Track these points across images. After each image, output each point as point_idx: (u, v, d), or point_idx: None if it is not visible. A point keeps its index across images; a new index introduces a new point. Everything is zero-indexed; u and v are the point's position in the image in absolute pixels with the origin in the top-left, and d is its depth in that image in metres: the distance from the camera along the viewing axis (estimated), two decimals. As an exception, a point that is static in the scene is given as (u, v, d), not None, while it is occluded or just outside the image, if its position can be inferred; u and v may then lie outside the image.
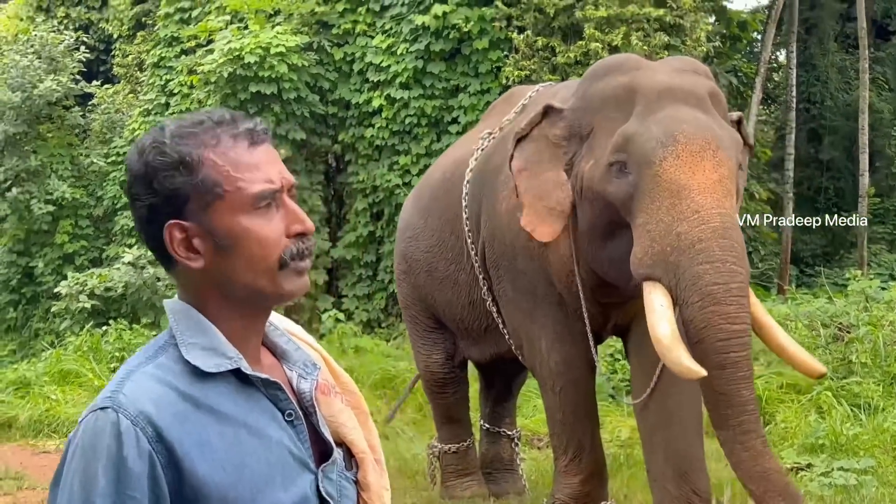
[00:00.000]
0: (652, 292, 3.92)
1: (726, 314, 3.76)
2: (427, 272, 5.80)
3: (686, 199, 3.88)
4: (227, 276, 1.62)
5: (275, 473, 1.58)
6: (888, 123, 20.20)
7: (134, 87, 17.60)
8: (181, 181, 1.58)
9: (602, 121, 4.26)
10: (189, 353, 1.59)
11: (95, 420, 1.52)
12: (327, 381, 1.78)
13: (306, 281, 1.66)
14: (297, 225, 1.62)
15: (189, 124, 1.62)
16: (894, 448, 6.77)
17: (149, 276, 13.85)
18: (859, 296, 9.71)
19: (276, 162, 1.64)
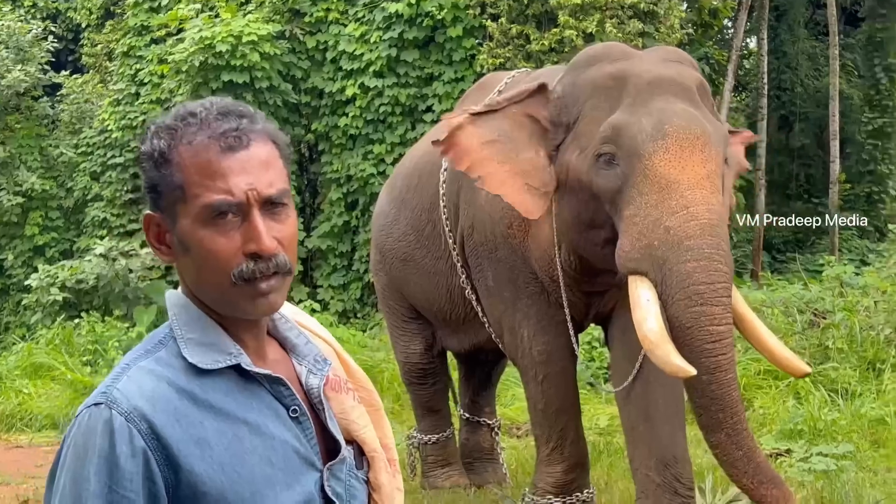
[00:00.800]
0: (639, 287, 3.89)
1: (712, 315, 3.73)
2: (403, 262, 5.75)
3: (675, 193, 3.85)
4: (191, 279, 1.59)
5: (276, 472, 1.54)
6: (858, 110, 20.31)
7: (103, 77, 17.45)
8: (154, 175, 1.56)
9: (589, 110, 4.21)
10: (187, 348, 1.55)
11: (89, 417, 1.48)
12: (339, 376, 1.73)
13: (269, 302, 1.56)
14: (251, 244, 1.52)
15: (178, 116, 1.58)
16: (872, 433, 6.82)
17: (121, 268, 13.74)
18: (834, 282, 9.77)
19: (251, 171, 1.54)
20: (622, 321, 4.79)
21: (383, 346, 10.27)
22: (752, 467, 3.79)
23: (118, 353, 11.46)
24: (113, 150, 15.69)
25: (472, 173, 4.43)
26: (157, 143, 1.56)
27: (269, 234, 1.54)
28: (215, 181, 1.52)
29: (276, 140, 1.62)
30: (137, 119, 15.44)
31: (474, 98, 5.74)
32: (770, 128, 19.29)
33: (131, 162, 15.47)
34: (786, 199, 20.99)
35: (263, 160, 1.57)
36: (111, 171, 15.65)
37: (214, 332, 1.58)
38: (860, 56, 21.20)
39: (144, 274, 14.20)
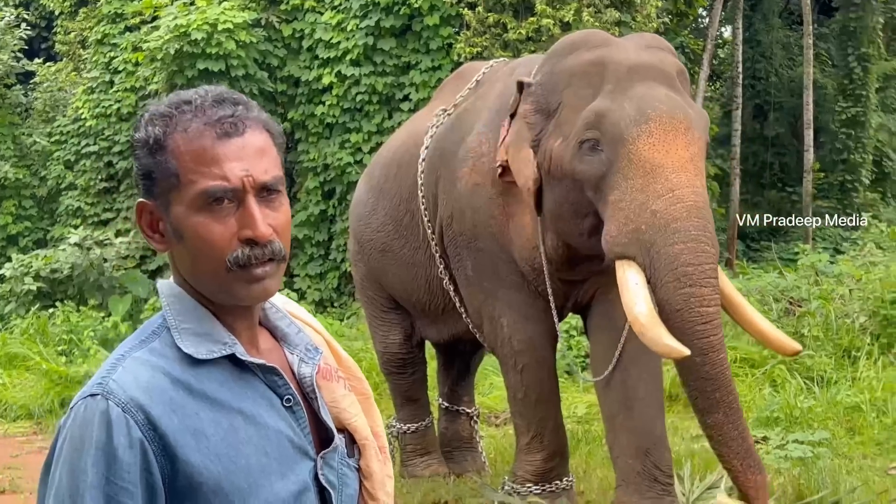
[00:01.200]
0: (627, 271, 3.92)
1: (702, 296, 3.77)
2: (381, 252, 5.74)
3: (660, 177, 3.88)
4: (185, 266, 1.59)
5: (271, 462, 1.55)
6: (832, 99, 20.42)
7: (77, 65, 17.29)
8: (148, 162, 1.56)
9: (570, 97, 4.23)
10: (181, 338, 1.55)
11: (85, 408, 1.47)
12: (329, 365, 1.74)
13: (264, 287, 1.56)
14: (247, 230, 1.53)
15: (173, 103, 1.58)
16: (847, 420, 6.87)
17: (95, 257, 13.66)
18: (809, 270, 9.84)
19: (247, 157, 1.54)
20: (601, 310, 4.82)
21: (361, 336, 10.27)
22: (744, 449, 3.85)
23: (93, 342, 11.41)
24: (87, 139, 15.56)
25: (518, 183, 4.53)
26: (152, 129, 1.55)
27: (264, 220, 1.54)
28: (211, 167, 1.52)
29: (270, 129, 1.62)
30: (111, 107, 15.32)
31: (452, 87, 5.74)
32: (745, 117, 19.37)
33: (105, 150, 15.36)
34: (760, 187, 21.11)
35: (258, 147, 1.57)
36: (85, 160, 15.53)
37: (208, 322, 1.58)
38: (834, 45, 21.31)
39: (119, 263, 14.12)
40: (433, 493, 5.76)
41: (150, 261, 14.86)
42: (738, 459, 3.84)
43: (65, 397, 9.30)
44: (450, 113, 5.32)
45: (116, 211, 15.42)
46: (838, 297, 8.58)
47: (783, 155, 21.26)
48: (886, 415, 6.78)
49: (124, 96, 15.27)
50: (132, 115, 15.22)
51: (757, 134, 21.13)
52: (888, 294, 7.89)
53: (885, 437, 6.51)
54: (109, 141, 15.36)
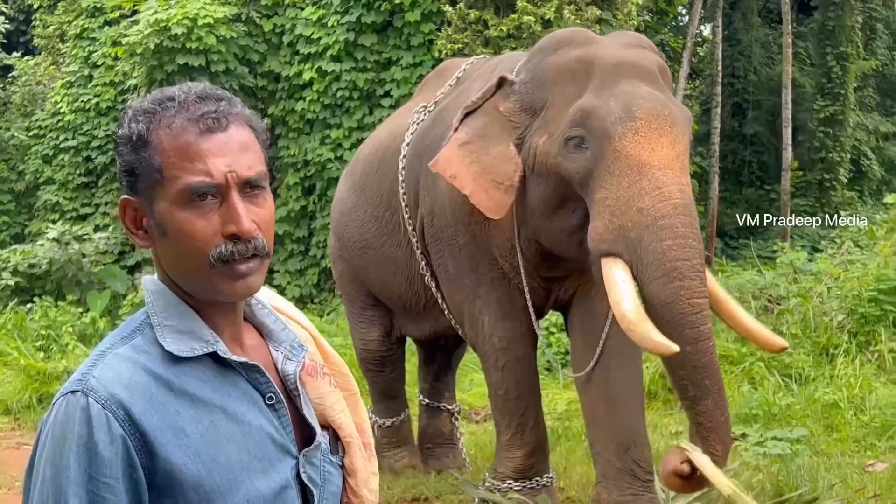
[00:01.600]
0: (613, 268, 3.92)
1: (691, 289, 3.78)
2: (362, 249, 5.73)
3: (647, 174, 3.88)
4: (169, 263, 1.59)
5: (252, 459, 1.55)
6: (810, 98, 20.55)
7: (56, 59, 17.22)
8: (132, 158, 1.56)
9: (556, 95, 4.24)
10: (164, 335, 1.55)
11: (66, 404, 1.47)
12: (315, 361, 1.74)
13: (248, 284, 1.56)
14: (230, 225, 1.53)
15: (156, 100, 1.57)
16: (825, 417, 6.91)
17: (74, 252, 13.60)
18: (787, 268, 9.88)
19: (230, 153, 1.54)
20: (582, 307, 4.83)
21: (340, 332, 10.26)
22: (726, 434, 3.89)
23: (72, 338, 11.37)
24: (66, 133, 15.49)
25: (446, 175, 4.46)
26: (135, 126, 1.55)
27: (248, 216, 1.54)
28: (194, 163, 1.52)
29: (253, 125, 1.62)
30: (90, 102, 15.26)
31: (433, 84, 5.74)
32: (724, 115, 19.48)
33: (84, 145, 15.30)
34: (739, 185, 21.23)
35: (242, 143, 1.57)
36: (64, 154, 15.46)
37: (191, 319, 1.58)
38: (813, 44, 21.45)
39: (98, 258, 14.07)
40: (414, 489, 5.77)
41: (128, 256, 14.81)
42: (721, 444, 3.86)
43: (43, 393, 9.26)
44: (431, 109, 5.31)
45: (95, 206, 15.36)
46: (816, 295, 8.63)
47: (762, 153, 21.39)
48: (864, 412, 6.82)
49: (103, 91, 15.20)
50: (111, 110, 15.17)
51: (736, 132, 21.24)
52: (866, 292, 7.93)
53: (862, 435, 6.56)
54: (88, 135, 15.30)
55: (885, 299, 7.81)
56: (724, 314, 4.08)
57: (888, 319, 7.79)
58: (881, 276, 7.97)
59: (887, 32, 21.91)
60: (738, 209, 20.56)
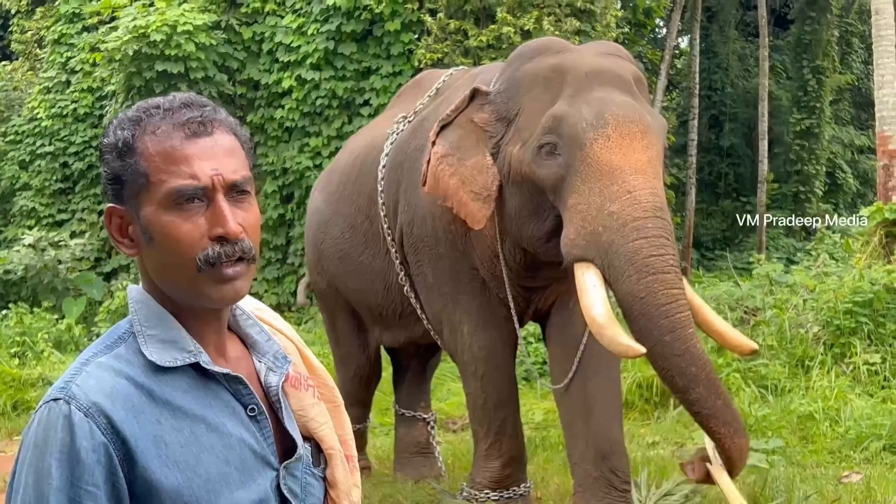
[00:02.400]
0: (585, 273, 3.95)
1: (665, 280, 3.80)
2: (339, 259, 5.72)
3: (618, 179, 3.91)
4: (155, 270, 1.58)
5: (232, 470, 1.55)
6: (786, 111, 20.71)
7: (33, 65, 17.14)
8: (117, 165, 1.56)
9: (529, 102, 4.27)
10: (146, 345, 1.55)
11: (48, 412, 1.47)
12: (299, 373, 1.73)
13: (235, 288, 1.55)
14: (217, 227, 1.53)
15: (142, 108, 1.58)
16: (801, 429, 6.94)
17: (50, 259, 13.54)
18: (764, 279, 9.93)
19: (216, 157, 1.55)
20: (560, 318, 4.85)
21: (318, 340, 10.24)
22: (730, 414, 3.87)
23: (47, 344, 11.30)
24: (42, 139, 15.41)
25: (434, 193, 4.49)
26: (121, 133, 1.56)
27: (235, 218, 1.54)
28: (180, 166, 1.53)
29: (237, 133, 1.63)
30: (68, 107, 15.19)
31: (410, 94, 5.76)
32: (701, 127, 19.60)
33: (61, 151, 15.23)
34: (715, 197, 21.35)
35: (228, 147, 1.58)
36: (40, 160, 15.38)
37: (175, 329, 1.57)
38: (789, 58, 21.62)
39: (74, 265, 14.01)
40: (391, 497, 5.76)
41: (104, 263, 14.74)
42: (726, 427, 3.85)
43: (18, 400, 9.20)
44: (410, 120, 5.33)
45: (71, 212, 15.29)
46: (792, 306, 8.67)
47: (738, 165, 21.53)
48: (839, 424, 6.86)
49: (81, 97, 15.14)
50: (88, 116, 15.11)
51: (713, 144, 21.37)
52: (841, 304, 7.98)
53: (837, 446, 6.59)
54: (65, 141, 15.23)
55: (861, 311, 7.87)
56: (696, 318, 4.09)
57: (863, 331, 7.84)
58: (856, 288, 8.02)
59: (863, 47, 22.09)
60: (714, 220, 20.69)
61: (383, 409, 7.94)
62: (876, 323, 7.88)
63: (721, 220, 20.82)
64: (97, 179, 15.11)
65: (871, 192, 20.71)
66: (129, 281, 13.77)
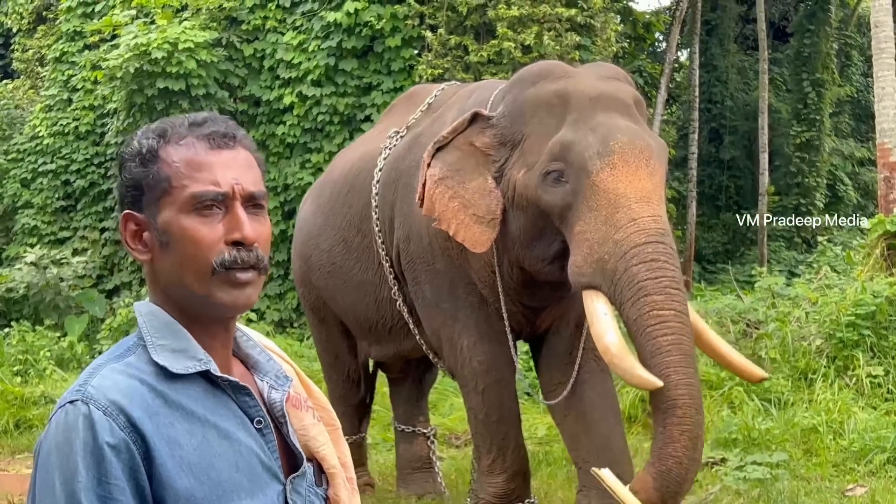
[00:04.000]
0: (594, 301, 4.00)
1: (654, 303, 3.82)
2: (329, 273, 5.73)
3: (623, 208, 3.96)
4: (166, 274, 1.60)
5: (242, 478, 1.56)
6: (786, 123, 20.73)
7: (35, 83, 17.18)
8: (138, 172, 1.60)
9: (535, 128, 4.30)
10: (158, 354, 1.57)
11: (66, 415, 1.49)
12: (299, 394, 1.75)
13: (247, 295, 1.60)
14: (234, 232, 1.57)
15: (167, 121, 1.64)
16: (804, 442, 6.93)
17: (52, 277, 13.55)
18: (766, 292, 9.91)
19: (237, 168, 1.61)
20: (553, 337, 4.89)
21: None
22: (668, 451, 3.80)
23: (49, 362, 11.30)
24: (44, 157, 15.43)
25: (430, 215, 4.50)
26: (146, 141, 1.61)
27: (251, 224, 1.60)
28: (202, 173, 1.58)
29: (255, 155, 1.69)
30: (69, 125, 15.22)
31: (401, 108, 5.77)
32: (701, 140, 19.62)
33: (63, 169, 15.25)
34: (716, 210, 21.36)
35: (247, 161, 1.65)
36: (42, 178, 15.39)
37: (184, 339, 1.59)
38: (789, 71, 21.66)
39: (76, 283, 14.01)
40: (394, 514, 5.76)
41: (106, 280, 14.74)
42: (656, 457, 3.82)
43: (20, 418, 9.18)
44: (403, 135, 5.34)
45: (73, 230, 15.29)
46: (795, 319, 8.65)
47: (738, 178, 21.55)
48: (842, 437, 6.84)
49: (83, 114, 15.17)
50: (90, 134, 15.14)
51: (713, 157, 21.39)
52: (844, 317, 7.97)
53: (841, 459, 6.58)
54: (67, 159, 15.25)
55: (863, 324, 7.85)
56: (703, 344, 4.12)
57: (866, 344, 7.82)
58: (859, 301, 8.01)
59: (862, 59, 22.14)
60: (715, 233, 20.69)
61: (385, 425, 7.93)
62: (879, 335, 7.87)
63: (722, 233, 20.83)
64: (99, 197, 15.14)
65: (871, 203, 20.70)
66: (132, 298, 13.77)
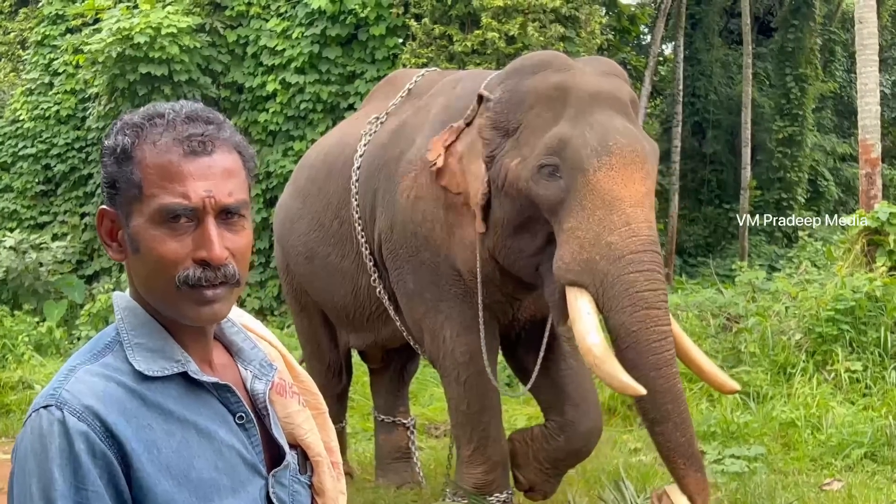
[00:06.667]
0: (579, 299, 4.01)
1: (657, 317, 3.91)
2: (307, 258, 5.69)
3: (618, 210, 3.98)
4: (139, 280, 1.57)
5: (222, 477, 1.54)
6: (769, 118, 20.77)
7: (16, 66, 17.07)
8: (114, 170, 1.55)
9: (532, 118, 4.27)
10: (133, 354, 1.54)
11: (40, 420, 1.46)
12: (284, 380, 1.73)
13: (214, 310, 1.54)
14: (201, 251, 1.51)
15: (146, 115, 1.56)
16: (783, 436, 6.96)
17: (31, 261, 13.48)
18: (746, 286, 9.96)
19: (212, 177, 1.53)
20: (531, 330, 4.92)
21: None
22: (691, 451, 3.98)
23: (27, 347, 11.24)
24: (25, 141, 15.34)
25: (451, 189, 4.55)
26: (122, 139, 1.54)
27: (222, 243, 1.53)
28: (173, 184, 1.51)
29: (242, 151, 1.61)
30: (50, 109, 15.14)
31: (382, 94, 5.74)
32: (684, 133, 19.63)
33: (43, 153, 15.17)
34: (698, 203, 21.39)
35: (225, 168, 1.56)
36: (22, 162, 15.32)
37: (161, 338, 1.56)
38: (772, 65, 21.69)
39: (55, 268, 13.95)
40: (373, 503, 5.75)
41: (86, 266, 14.68)
42: (682, 459, 3.97)
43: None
44: (382, 120, 5.31)
45: (53, 214, 15.23)
46: (775, 314, 8.69)
47: (721, 172, 21.57)
48: (820, 431, 6.88)
49: (64, 99, 15.09)
50: (71, 118, 15.06)
51: (696, 151, 21.42)
52: (823, 312, 8.00)
53: (819, 454, 6.61)
54: (48, 143, 15.17)
55: (842, 319, 7.89)
56: (680, 351, 4.14)
57: (845, 339, 7.87)
58: (838, 296, 8.05)
59: (846, 55, 22.20)
60: (697, 227, 20.74)
61: (365, 415, 7.92)
62: (858, 331, 7.91)
63: (704, 227, 20.87)
64: (79, 182, 15.08)
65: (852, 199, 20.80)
66: (111, 284, 13.72)
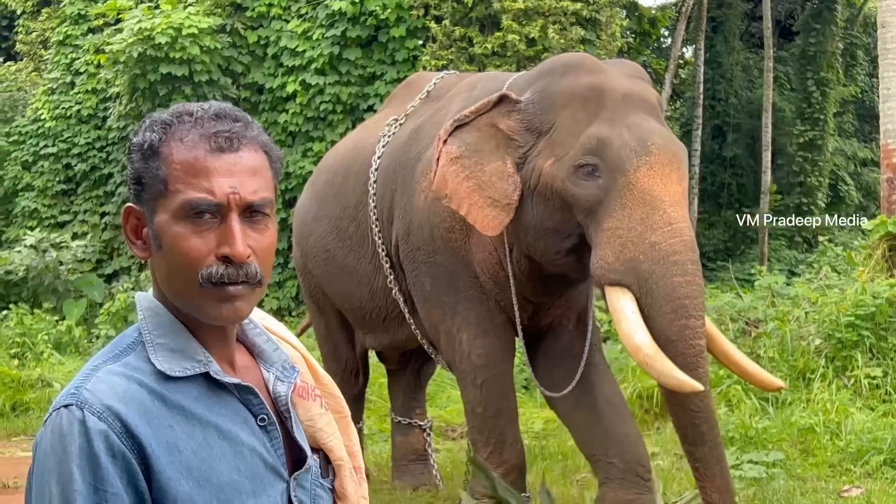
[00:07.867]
0: (622, 299, 4.01)
1: (695, 328, 3.90)
2: (325, 260, 5.70)
3: (659, 209, 3.98)
4: (162, 275, 1.57)
5: (243, 480, 1.53)
6: (790, 122, 20.67)
7: (38, 65, 17.15)
8: (141, 166, 1.54)
9: (566, 119, 4.26)
10: (155, 354, 1.53)
11: (60, 419, 1.45)
12: (307, 383, 1.71)
13: (235, 308, 1.53)
14: (224, 247, 1.50)
15: (174, 113, 1.56)
16: (801, 441, 6.92)
17: (51, 260, 13.54)
18: (765, 291, 9.90)
19: (238, 174, 1.52)
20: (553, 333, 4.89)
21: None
22: (724, 484, 4.01)
23: (47, 346, 11.30)
24: (46, 140, 15.42)
25: (442, 192, 4.46)
26: (149, 135, 1.54)
27: (245, 240, 1.52)
28: (199, 179, 1.51)
29: (269, 151, 1.60)
30: (72, 109, 15.21)
31: (401, 97, 5.74)
32: (704, 137, 19.56)
33: (64, 152, 15.25)
34: (717, 207, 21.31)
35: (251, 166, 1.55)
36: (43, 161, 15.39)
37: (184, 338, 1.56)
38: (793, 69, 21.59)
39: (75, 266, 14.01)
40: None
41: (105, 265, 14.74)
42: (718, 493, 3.99)
43: (16, 401, 9.19)
44: (401, 122, 5.31)
45: (73, 213, 15.30)
46: (794, 319, 8.64)
47: (741, 176, 21.49)
48: (839, 437, 6.83)
49: (85, 98, 15.16)
50: (92, 118, 15.13)
51: (716, 154, 21.33)
52: (843, 317, 7.95)
53: (837, 460, 6.56)
54: (68, 143, 15.25)
55: (862, 325, 7.84)
56: (717, 352, 4.14)
57: (865, 345, 7.81)
58: (858, 301, 7.99)
59: (867, 59, 22.09)
60: (716, 231, 20.66)
61: (382, 416, 7.92)
62: (878, 336, 7.86)
63: (723, 231, 20.79)
64: (100, 181, 15.14)
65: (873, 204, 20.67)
66: (130, 283, 13.77)
